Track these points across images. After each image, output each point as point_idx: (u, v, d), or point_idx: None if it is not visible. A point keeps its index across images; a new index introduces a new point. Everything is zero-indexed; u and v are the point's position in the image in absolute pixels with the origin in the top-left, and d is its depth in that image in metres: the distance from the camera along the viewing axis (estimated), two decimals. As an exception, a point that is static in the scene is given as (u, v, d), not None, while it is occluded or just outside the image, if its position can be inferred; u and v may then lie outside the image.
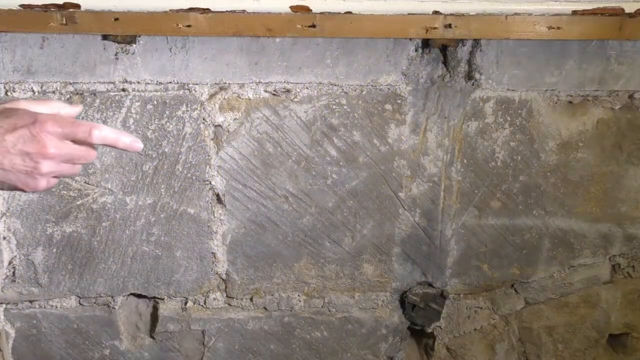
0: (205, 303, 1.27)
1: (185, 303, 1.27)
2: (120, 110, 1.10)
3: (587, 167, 1.26)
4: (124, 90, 1.09)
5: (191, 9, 0.98)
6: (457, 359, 1.42)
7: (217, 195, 1.19)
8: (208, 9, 0.99)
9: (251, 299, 1.28)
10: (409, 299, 1.32)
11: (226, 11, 0.99)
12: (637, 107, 1.24)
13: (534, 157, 1.24)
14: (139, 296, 1.26)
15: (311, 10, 1.01)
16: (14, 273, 1.19)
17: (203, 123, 1.13)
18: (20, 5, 0.95)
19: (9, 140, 0.65)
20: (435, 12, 1.03)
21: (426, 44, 1.12)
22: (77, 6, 0.96)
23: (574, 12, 1.06)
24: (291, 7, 1.00)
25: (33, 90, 1.06)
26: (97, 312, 1.25)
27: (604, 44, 1.17)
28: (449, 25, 1.04)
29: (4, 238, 1.16)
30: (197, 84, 1.11)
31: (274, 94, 1.14)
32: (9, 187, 0.69)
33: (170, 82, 1.10)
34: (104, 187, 1.15)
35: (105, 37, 1.04)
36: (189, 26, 0.99)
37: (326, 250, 1.26)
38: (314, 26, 1.01)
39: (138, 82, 1.09)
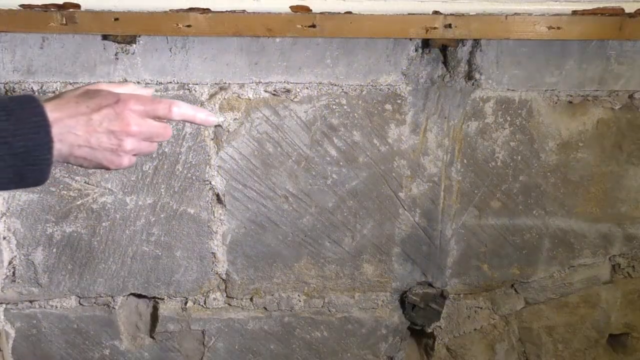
0: (205, 303, 1.27)
1: (185, 303, 1.27)
2: (120, 110, 1.09)
3: (587, 167, 1.26)
4: (124, 90, 1.09)
5: (191, 9, 0.98)
6: (457, 359, 1.42)
7: (217, 195, 1.19)
8: (208, 9, 0.99)
9: (251, 299, 1.29)
10: (409, 299, 1.32)
11: (226, 11, 0.99)
12: (637, 107, 1.24)
13: (534, 157, 1.24)
14: (139, 296, 1.26)
15: (311, 10, 1.01)
16: (14, 273, 1.19)
17: (203, 123, 1.13)
18: (20, 5, 0.95)
19: (95, 119, 0.68)
20: (435, 12, 1.03)
21: (426, 44, 1.12)
22: (77, 6, 0.96)
23: (574, 12, 1.06)
24: (291, 7, 1.00)
25: (33, 90, 1.06)
26: (97, 312, 1.25)
27: (604, 44, 1.17)
28: (449, 25, 1.04)
29: (4, 238, 1.16)
30: (197, 84, 1.11)
31: (274, 94, 1.14)
32: (94, 165, 0.72)
33: (170, 82, 1.10)
34: (104, 187, 1.15)
35: (105, 37, 1.04)
36: (189, 26, 0.99)
37: (326, 250, 1.26)
38: (314, 26, 1.01)
39: (138, 82, 1.09)
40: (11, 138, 0.63)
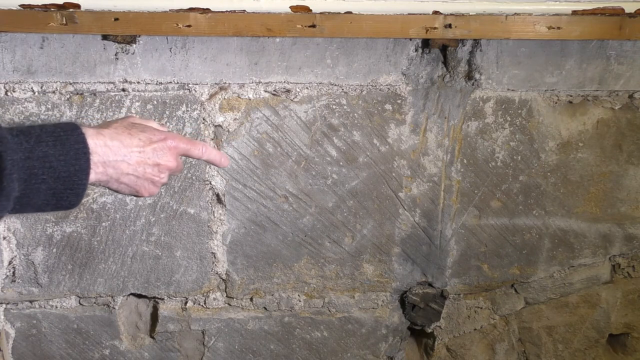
0: (205, 303, 1.27)
1: (185, 303, 1.27)
2: (120, 110, 1.10)
3: (587, 167, 1.26)
4: (124, 90, 1.09)
5: (191, 9, 0.98)
6: (457, 359, 1.42)
7: (217, 195, 1.19)
8: (208, 9, 0.99)
9: (251, 299, 1.29)
10: (409, 299, 1.32)
11: (226, 11, 0.99)
12: (637, 107, 1.24)
13: (534, 157, 1.24)
14: (139, 296, 1.26)
15: (311, 10, 1.01)
16: (14, 273, 1.19)
17: (203, 123, 1.13)
18: (20, 5, 0.95)
19: (147, 152, 0.76)
20: (435, 12, 1.03)
21: (426, 44, 1.12)
22: (77, 6, 0.96)
23: (574, 12, 1.06)
24: (291, 7, 1.00)
25: (33, 90, 1.06)
26: (97, 312, 1.25)
27: (604, 44, 1.17)
28: (449, 25, 1.04)
29: (4, 238, 1.16)
30: (197, 84, 1.11)
31: (274, 94, 1.14)
32: (130, 192, 0.79)
33: (170, 82, 1.10)
34: (104, 187, 1.15)
35: (105, 37, 1.04)
36: (189, 26, 0.99)
37: (326, 250, 1.26)
38: (314, 26, 1.01)
39: (138, 82, 1.09)
40: (56, 162, 0.68)
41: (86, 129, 0.73)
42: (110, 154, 0.74)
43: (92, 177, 0.72)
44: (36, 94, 1.07)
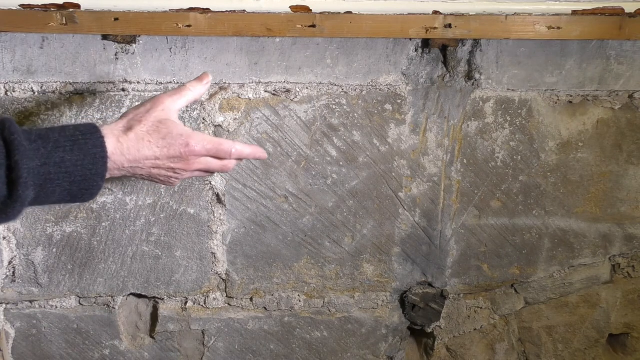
0: (205, 303, 1.27)
1: (185, 303, 1.27)
2: (120, 110, 1.10)
3: (587, 167, 1.26)
4: (124, 90, 1.09)
5: (191, 9, 0.98)
6: (457, 359, 1.42)
7: (217, 195, 1.19)
8: (208, 9, 0.99)
9: (251, 299, 1.29)
10: (409, 299, 1.32)
11: (226, 11, 0.99)
12: (637, 107, 1.24)
13: (534, 157, 1.24)
14: (139, 296, 1.26)
15: (311, 10, 1.01)
16: (14, 273, 1.19)
17: (203, 123, 1.13)
18: (20, 5, 0.95)
19: (162, 162, 0.79)
20: (435, 12, 1.03)
21: (426, 44, 1.12)
22: (77, 6, 0.96)
23: (574, 12, 1.06)
24: (291, 7, 1.00)
25: (33, 90, 1.06)
26: (97, 312, 1.25)
27: (604, 44, 1.17)
28: (449, 25, 1.04)
29: (4, 238, 1.16)
30: (197, 84, 1.11)
31: (274, 94, 1.14)
32: (148, 180, 0.84)
33: (170, 82, 1.10)
34: (104, 187, 1.15)
35: (105, 37, 1.04)
36: (189, 26, 0.99)
37: (326, 250, 1.26)
38: (314, 26, 1.01)
39: (138, 82, 1.09)
40: (73, 168, 0.70)
41: (106, 132, 0.75)
42: (126, 161, 0.76)
43: (107, 176, 0.75)
44: (36, 94, 1.07)
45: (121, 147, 0.76)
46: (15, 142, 0.66)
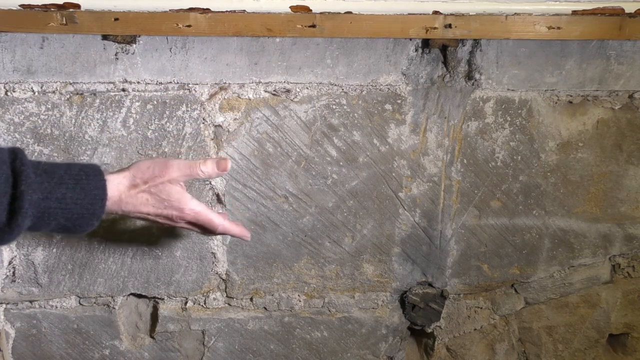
0: (205, 303, 1.27)
1: (185, 303, 1.27)
2: (120, 110, 1.10)
3: (587, 167, 1.26)
4: (124, 90, 1.09)
5: (191, 9, 0.98)
6: (457, 359, 1.42)
7: (217, 195, 1.19)
8: (208, 9, 0.99)
9: (251, 299, 1.29)
10: (409, 299, 1.32)
11: (226, 11, 0.99)
12: (637, 107, 1.24)
13: (534, 157, 1.24)
14: (139, 296, 1.26)
15: (311, 10, 1.01)
16: (14, 273, 1.19)
17: (203, 123, 1.13)
18: (20, 5, 0.95)
19: (153, 215, 0.86)
20: (435, 12, 1.03)
21: (426, 44, 1.12)
22: (77, 6, 0.96)
23: (574, 12, 1.06)
24: (291, 7, 1.00)
25: (33, 90, 1.06)
26: (97, 312, 1.25)
27: (604, 44, 1.17)
28: (449, 25, 1.04)
29: (4, 238, 1.16)
30: (197, 84, 1.11)
31: (274, 94, 1.14)
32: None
33: (170, 82, 1.10)
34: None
35: (105, 37, 1.04)
36: (189, 26, 0.99)
37: (326, 250, 1.26)
38: (314, 26, 1.01)
39: (138, 82, 1.09)
40: (72, 205, 0.73)
41: (110, 178, 0.80)
42: (120, 210, 0.82)
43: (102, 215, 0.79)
44: (36, 94, 1.07)
45: (120, 197, 0.81)
46: (24, 173, 0.70)
